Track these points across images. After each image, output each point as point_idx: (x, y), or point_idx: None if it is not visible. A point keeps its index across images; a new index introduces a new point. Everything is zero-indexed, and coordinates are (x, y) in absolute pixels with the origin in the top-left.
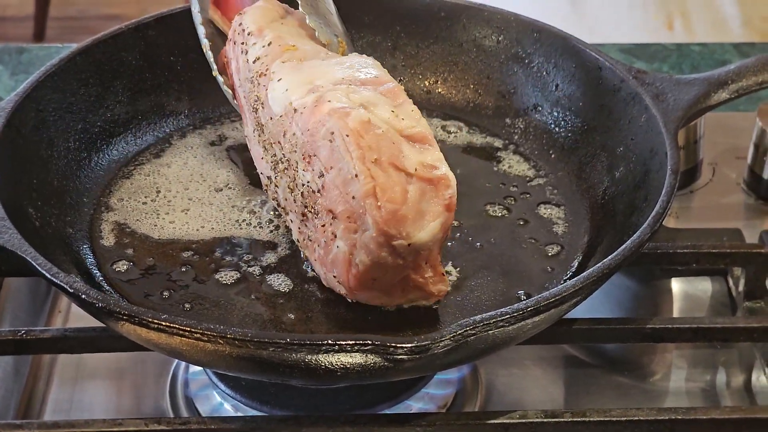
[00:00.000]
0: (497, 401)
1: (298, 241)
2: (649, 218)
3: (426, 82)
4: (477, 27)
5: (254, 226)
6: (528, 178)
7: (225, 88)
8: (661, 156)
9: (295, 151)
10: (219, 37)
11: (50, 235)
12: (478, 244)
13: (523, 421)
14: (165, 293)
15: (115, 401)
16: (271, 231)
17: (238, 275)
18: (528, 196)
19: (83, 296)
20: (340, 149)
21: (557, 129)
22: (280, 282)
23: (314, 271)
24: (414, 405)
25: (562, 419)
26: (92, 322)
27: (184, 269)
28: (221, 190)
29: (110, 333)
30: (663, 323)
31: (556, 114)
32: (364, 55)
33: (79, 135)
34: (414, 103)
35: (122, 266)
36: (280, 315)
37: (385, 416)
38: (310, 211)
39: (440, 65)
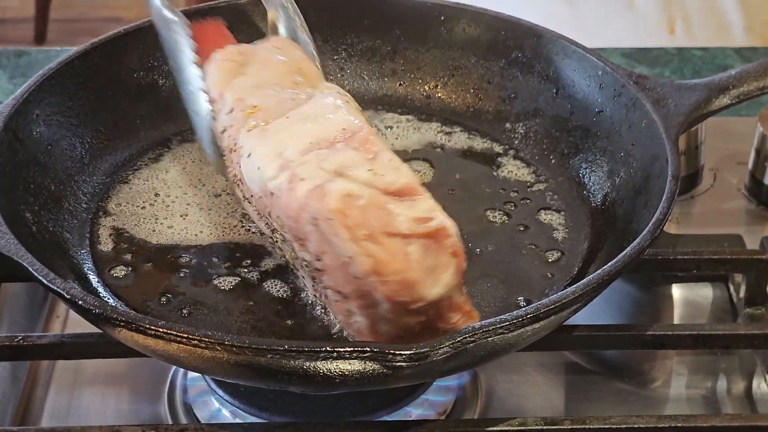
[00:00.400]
0: (497, 408)
1: (315, 296)
2: (650, 224)
3: (426, 87)
4: (477, 31)
5: (253, 232)
6: (528, 184)
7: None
8: (661, 161)
9: (286, 233)
10: None
11: (47, 240)
12: (478, 250)
13: (523, 428)
14: (163, 299)
15: (112, 407)
16: (270, 237)
17: (237, 281)
18: (528, 201)
19: (80, 302)
20: (327, 233)
21: (557, 134)
22: (278, 288)
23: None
24: (413, 411)
25: (562, 426)
26: (90, 328)
27: (182, 274)
28: (220, 195)
29: (108, 339)
30: (663, 330)
31: (556, 119)
32: (331, 91)
33: (77, 139)
34: (414, 108)
35: (120, 272)
36: (279, 321)
37: (385, 423)
38: (319, 284)
39: (440, 69)
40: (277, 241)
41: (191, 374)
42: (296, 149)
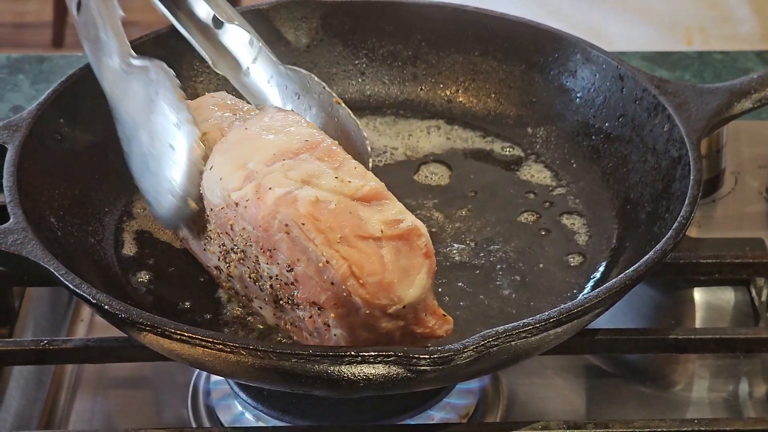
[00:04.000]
0: (519, 411)
1: (277, 326)
2: (672, 229)
3: (447, 92)
4: (498, 36)
5: None
6: (550, 188)
7: None
8: (683, 166)
9: (251, 245)
10: None
11: (72, 245)
12: (500, 253)
13: (546, 431)
14: (187, 303)
15: (137, 411)
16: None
17: None
18: (550, 205)
19: (106, 307)
20: (300, 239)
21: (579, 138)
22: None
23: None
24: (436, 415)
25: (585, 430)
26: (115, 332)
27: (203, 279)
28: None
29: (132, 343)
30: (685, 334)
31: (577, 123)
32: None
33: (100, 144)
34: (435, 113)
35: (144, 276)
36: None
37: (407, 426)
38: (287, 303)
39: (461, 74)
40: (229, 265)
41: (214, 378)
42: (260, 160)
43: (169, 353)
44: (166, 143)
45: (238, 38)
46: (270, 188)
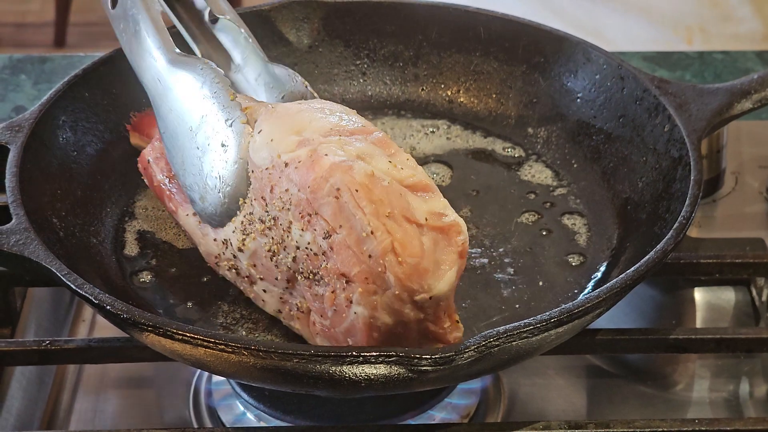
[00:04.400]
0: (520, 411)
1: (279, 312)
2: (673, 229)
3: (448, 92)
4: (499, 37)
5: None
6: (551, 188)
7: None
8: (684, 166)
9: (288, 209)
10: None
11: (74, 246)
12: (501, 253)
13: (547, 431)
14: (188, 303)
15: (138, 411)
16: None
17: None
18: (551, 205)
19: (108, 307)
20: (349, 206)
21: (580, 138)
22: None
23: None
24: (437, 415)
25: (586, 430)
26: (116, 332)
27: (205, 279)
28: None
29: (135, 343)
30: (686, 334)
31: (578, 123)
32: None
33: (103, 144)
34: (436, 113)
35: (146, 276)
36: None
37: (409, 426)
38: (307, 277)
39: (462, 74)
40: (247, 237)
41: (216, 378)
42: (316, 131)
43: (170, 353)
44: (216, 141)
45: (231, 34)
46: (326, 154)
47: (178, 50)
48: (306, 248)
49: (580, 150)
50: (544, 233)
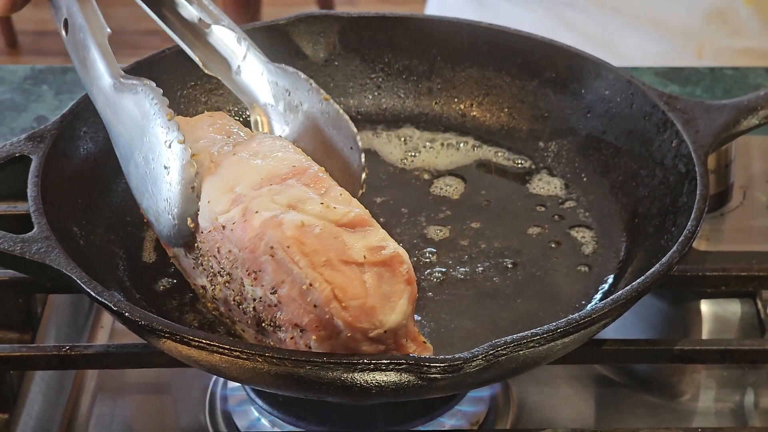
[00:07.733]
0: (528, 419)
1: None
2: (678, 242)
3: (461, 105)
4: (512, 52)
5: None
6: (560, 200)
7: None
8: (690, 181)
9: (237, 268)
10: None
11: (94, 254)
12: (510, 265)
13: None
14: (205, 310)
15: (155, 416)
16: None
17: None
18: (560, 218)
19: (126, 314)
20: (285, 262)
21: (589, 152)
22: None
23: None
24: (447, 422)
25: None
26: (134, 339)
27: None
28: None
29: (152, 349)
30: (692, 345)
31: (588, 138)
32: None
33: None
34: (449, 126)
35: (164, 283)
36: None
37: None
38: (270, 325)
39: (475, 89)
40: (215, 287)
41: (231, 384)
42: (248, 185)
43: (187, 359)
44: (160, 164)
45: (225, 38)
46: (257, 211)
47: (123, 74)
48: (261, 300)
49: (589, 164)
50: (553, 245)
